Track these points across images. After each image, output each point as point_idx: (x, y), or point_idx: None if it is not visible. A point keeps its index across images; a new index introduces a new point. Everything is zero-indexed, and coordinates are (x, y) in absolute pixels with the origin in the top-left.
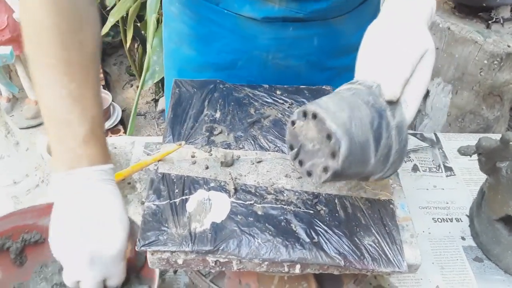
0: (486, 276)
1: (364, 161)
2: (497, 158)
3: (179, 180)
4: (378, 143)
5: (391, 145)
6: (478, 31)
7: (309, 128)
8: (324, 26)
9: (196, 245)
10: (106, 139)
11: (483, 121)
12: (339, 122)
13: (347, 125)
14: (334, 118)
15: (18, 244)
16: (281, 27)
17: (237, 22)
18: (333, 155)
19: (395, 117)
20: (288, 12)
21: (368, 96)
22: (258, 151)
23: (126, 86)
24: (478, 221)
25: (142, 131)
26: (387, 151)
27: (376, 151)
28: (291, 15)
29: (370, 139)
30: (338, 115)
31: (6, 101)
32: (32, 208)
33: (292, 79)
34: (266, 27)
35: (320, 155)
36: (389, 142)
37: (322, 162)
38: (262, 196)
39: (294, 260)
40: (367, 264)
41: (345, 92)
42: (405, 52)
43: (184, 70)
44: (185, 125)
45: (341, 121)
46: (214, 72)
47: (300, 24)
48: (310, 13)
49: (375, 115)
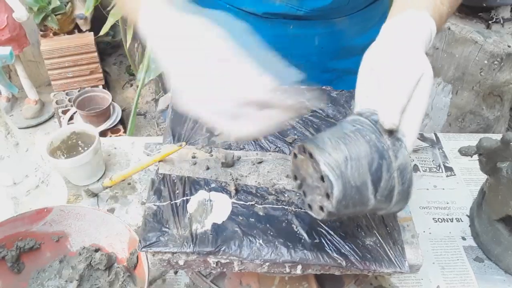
0: (487, 276)
1: (362, 202)
2: (498, 159)
3: (180, 180)
4: (378, 184)
5: (393, 186)
6: (478, 31)
7: (308, 164)
8: (326, 26)
9: (197, 246)
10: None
11: (483, 121)
12: (334, 165)
13: (342, 168)
14: (329, 160)
15: (13, 252)
16: (281, 24)
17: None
18: (327, 196)
19: (397, 158)
20: (288, 9)
21: (372, 134)
22: (258, 151)
23: (126, 86)
24: (479, 221)
25: (142, 131)
26: (388, 193)
27: (376, 192)
28: (291, 12)
29: (367, 181)
30: (333, 157)
31: (5, 101)
32: (22, 216)
33: None
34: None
35: (318, 192)
36: (391, 184)
37: (320, 200)
38: (263, 196)
39: (296, 261)
40: (368, 265)
41: (348, 126)
42: (400, 79)
43: None
44: (186, 126)
45: (336, 164)
46: None
47: (301, 22)
48: (310, 11)
49: (375, 156)
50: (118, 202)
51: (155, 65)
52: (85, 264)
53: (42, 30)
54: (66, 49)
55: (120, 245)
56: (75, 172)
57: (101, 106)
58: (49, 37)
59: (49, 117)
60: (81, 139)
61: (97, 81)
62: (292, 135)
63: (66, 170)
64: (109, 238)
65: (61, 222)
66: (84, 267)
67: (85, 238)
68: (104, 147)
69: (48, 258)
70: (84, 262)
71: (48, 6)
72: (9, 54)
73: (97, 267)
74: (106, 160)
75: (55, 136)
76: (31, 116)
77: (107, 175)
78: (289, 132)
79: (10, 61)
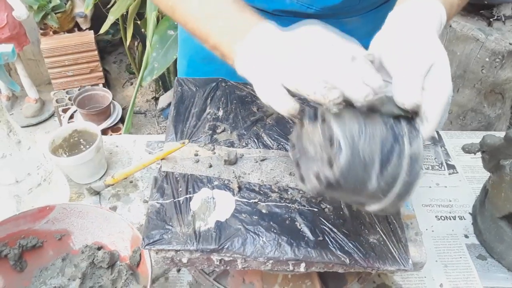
0: (490, 274)
1: (363, 181)
2: (501, 156)
3: (183, 178)
4: (385, 166)
5: (398, 173)
6: (479, 28)
7: (316, 132)
8: (335, 26)
9: (201, 244)
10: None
11: (484, 119)
12: (347, 133)
13: (355, 138)
14: (343, 127)
15: (15, 250)
16: (291, 22)
17: None
18: (331, 164)
19: (411, 146)
20: (299, 6)
21: (389, 118)
22: (261, 149)
23: (126, 84)
24: (481, 219)
25: (143, 130)
26: (392, 180)
27: (381, 175)
28: (302, 10)
29: (376, 159)
30: (348, 126)
31: (5, 100)
32: (24, 214)
33: None
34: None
35: (319, 164)
36: (398, 170)
37: (319, 170)
38: (266, 194)
39: (299, 259)
40: (372, 262)
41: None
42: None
43: (193, 60)
44: (188, 124)
45: (350, 132)
46: (221, 64)
47: None
48: (321, 10)
49: (389, 137)
50: (120, 200)
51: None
52: (87, 262)
53: (42, 28)
54: (66, 48)
55: (123, 243)
56: (77, 170)
57: (101, 104)
58: (49, 36)
59: (49, 116)
60: (83, 137)
61: (97, 80)
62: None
63: (68, 168)
64: (112, 236)
65: (63, 220)
66: (86, 265)
67: (88, 236)
68: (106, 145)
69: (50, 256)
70: (87, 260)
71: (48, 5)
72: (11, 51)
73: (99, 265)
74: (108, 158)
75: (56, 134)
76: (31, 115)
77: (109, 173)
78: (292, 130)
79: (12, 59)
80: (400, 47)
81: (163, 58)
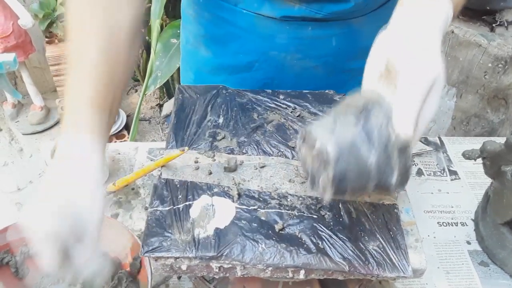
0: (492, 280)
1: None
2: (502, 162)
3: (183, 185)
4: (370, 136)
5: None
6: (482, 34)
7: (308, 152)
8: (343, 26)
9: (200, 251)
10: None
11: (488, 124)
12: (322, 129)
13: (331, 126)
14: (317, 124)
15: (17, 257)
16: (299, 26)
17: (254, 21)
18: (325, 166)
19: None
20: (307, 12)
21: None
22: (261, 156)
23: (130, 92)
24: (483, 225)
25: (147, 136)
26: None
27: (371, 146)
28: (310, 15)
29: (357, 134)
30: (322, 122)
31: (11, 107)
32: None
33: (308, 81)
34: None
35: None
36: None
37: (323, 180)
38: (266, 201)
39: (299, 266)
40: (372, 269)
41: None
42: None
43: (200, 72)
44: (188, 131)
45: (324, 128)
46: (229, 75)
47: (319, 23)
48: (329, 14)
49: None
50: (121, 207)
51: (161, 73)
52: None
53: (48, 36)
54: None
55: (124, 250)
56: None
57: None
58: (54, 44)
59: (55, 123)
60: None
61: None
62: (295, 139)
63: None
64: (113, 243)
65: None
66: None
67: None
68: (108, 152)
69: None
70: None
71: (53, 13)
72: (12, 60)
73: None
74: (110, 166)
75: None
76: (37, 122)
77: (110, 180)
78: (292, 137)
79: (14, 67)
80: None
81: (166, 66)
